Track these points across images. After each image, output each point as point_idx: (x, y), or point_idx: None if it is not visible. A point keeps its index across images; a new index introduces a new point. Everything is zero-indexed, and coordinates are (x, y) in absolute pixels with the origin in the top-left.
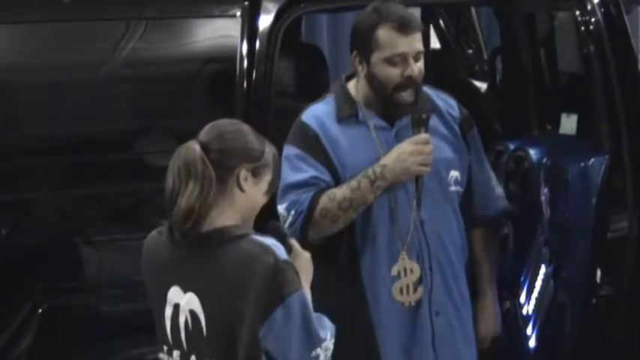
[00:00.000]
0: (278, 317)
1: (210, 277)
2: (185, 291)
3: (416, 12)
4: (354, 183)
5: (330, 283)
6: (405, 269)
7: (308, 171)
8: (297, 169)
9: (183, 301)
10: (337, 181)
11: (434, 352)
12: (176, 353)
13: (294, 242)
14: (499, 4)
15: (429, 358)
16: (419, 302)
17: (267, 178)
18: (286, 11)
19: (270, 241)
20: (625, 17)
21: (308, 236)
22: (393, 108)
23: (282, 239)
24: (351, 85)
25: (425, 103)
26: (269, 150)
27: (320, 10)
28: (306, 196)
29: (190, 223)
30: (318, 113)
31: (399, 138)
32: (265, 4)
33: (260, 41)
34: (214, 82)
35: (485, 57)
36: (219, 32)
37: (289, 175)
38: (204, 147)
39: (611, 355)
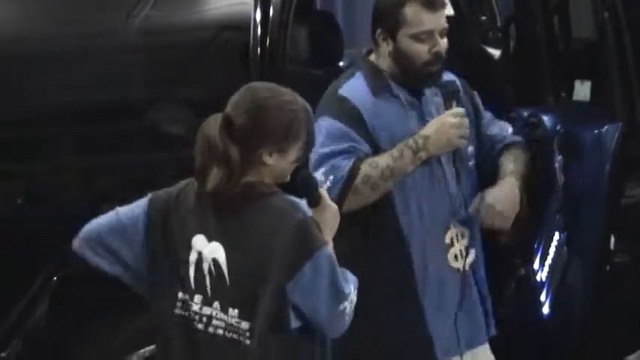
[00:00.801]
0: (306, 272)
1: (237, 229)
2: (210, 240)
3: None
4: (395, 152)
5: (370, 255)
6: (457, 235)
7: (347, 142)
8: (336, 140)
9: (206, 249)
10: (375, 154)
11: (483, 310)
12: (197, 298)
13: (324, 192)
14: None
15: (475, 317)
16: (471, 266)
17: (296, 147)
18: None
19: (296, 199)
20: None
21: (345, 203)
22: (420, 81)
23: (314, 188)
24: (376, 57)
25: (444, 80)
26: (302, 118)
27: None
28: (346, 162)
29: (219, 198)
30: (354, 88)
31: (429, 113)
32: None
33: (274, 8)
34: (228, 50)
35: (499, 24)
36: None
37: (328, 145)
38: (229, 120)
39: (626, 322)
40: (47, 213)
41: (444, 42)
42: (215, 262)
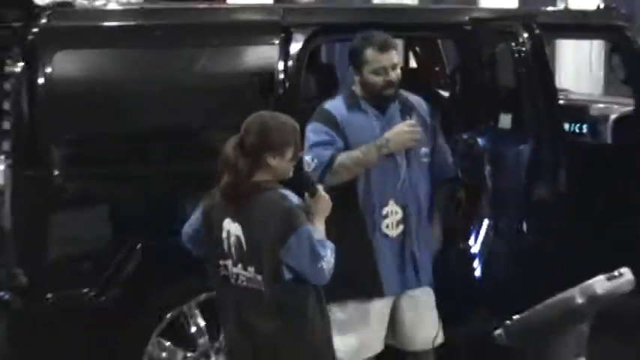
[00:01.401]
0: (292, 242)
1: (247, 214)
2: (233, 222)
3: (399, 43)
4: (364, 148)
5: (343, 223)
6: (392, 211)
7: (326, 136)
8: (321, 135)
9: (232, 228)
10: (347, 149)
11: (416, 274)
12: (229, 262)
13: (319, 187)
14: (459, 39)
15: (405, 270)
16: (402, 235)
17: (289, 151)
18: (310, 41)
19: (287, 192)
20: (545, 47)
21: (323, 180)
22: (381, 100)
23: (311, 185)
24: (354, 87)
25: (404, 100)
26: (292, 131)
27: (333, 40)
28: (327, 152)
29: (233, 194)
30: (334, 104)
31: (388, 123)
32: (295, 36)
33: (291, 61)
34: (260, 89)
35: (448, 73)
36: (263, 55)
37: (315, 138)
38: (242, 139)
39: (532, 280)
40: (135, 201)
41: (395, 73)
42: (237, 237)
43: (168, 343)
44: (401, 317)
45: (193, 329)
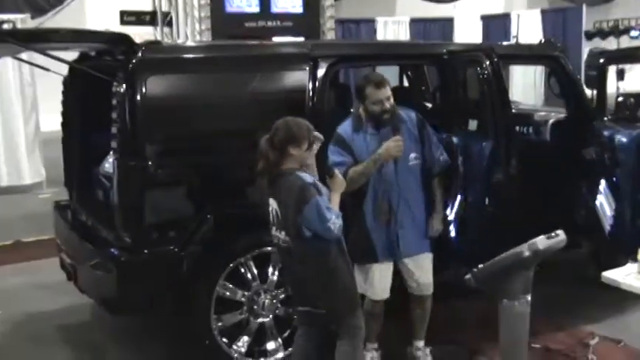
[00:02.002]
0: (306, 210)
1: (279, 192)
2: (274, 199)
3: (395, 69)
4: (364, 164)
5: (356, 211)
6: (380, 205)
7: (341, 157)
8: (336, 155)
9: (274, 204)
10: (355, 161)
11: (398, 248)
12: (273, 228)
13: (336, 171)
14: (439, 65)
15: (392, 244)
16: (388, 222)
17: (304, 143)
18: (331, 67)
19: (303, 175)
20: (501, 71)
21: None
22: (380, 123)
23: (331, 169)
24: (361, 111)
25: (397, 117)
26: (306, 129)
27: (348, 67)
28: (342, 169)
29: (269, 178)
30: (344, 127)
31: (382, 138)
32: (321, 64)
33: (318, 82)
34: (294, 103)
35: (431, 91)
36: (298, 77)
37: (333, 157)
38: (271, 137)
39: (492, 239)
40: (207, 180)
41: (389, 102)
42: (275, 210)
43: (230, 285)
44: (406, 273)
45: (248, 275)
